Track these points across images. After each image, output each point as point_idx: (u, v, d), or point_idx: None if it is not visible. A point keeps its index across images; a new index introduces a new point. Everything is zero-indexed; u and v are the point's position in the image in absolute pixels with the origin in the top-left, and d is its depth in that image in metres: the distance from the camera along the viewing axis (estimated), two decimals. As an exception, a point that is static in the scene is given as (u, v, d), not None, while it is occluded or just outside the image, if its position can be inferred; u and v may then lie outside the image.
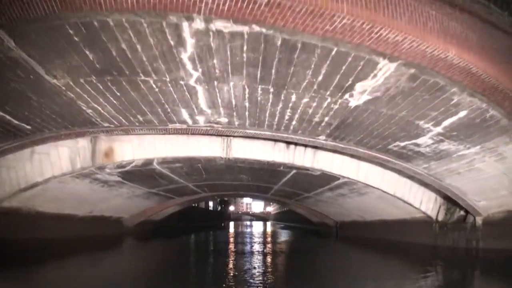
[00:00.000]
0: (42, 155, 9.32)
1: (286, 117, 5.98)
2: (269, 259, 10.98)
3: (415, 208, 11.57)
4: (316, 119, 5.93)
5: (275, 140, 8.91)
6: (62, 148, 9.31)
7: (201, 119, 6.25)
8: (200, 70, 4.46)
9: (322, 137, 6.86)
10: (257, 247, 14.90)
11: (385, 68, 4.27)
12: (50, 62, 4.55)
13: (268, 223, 59.21)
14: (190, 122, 6.38)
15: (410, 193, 11.25)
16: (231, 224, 52.56)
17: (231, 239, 20.45)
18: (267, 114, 5.93)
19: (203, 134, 8.25)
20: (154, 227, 23.11)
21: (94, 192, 12.42)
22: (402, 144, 6.83)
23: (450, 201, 11.29)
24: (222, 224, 47.04)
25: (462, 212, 11.24)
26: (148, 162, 10.04)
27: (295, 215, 32.34)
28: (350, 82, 4.62)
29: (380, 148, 7.21)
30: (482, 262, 9.52)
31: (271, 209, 74.44)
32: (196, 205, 36.01)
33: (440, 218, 11.86)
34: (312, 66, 4.27)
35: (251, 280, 6.88)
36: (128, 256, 12.33)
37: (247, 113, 5.91)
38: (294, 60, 4.18)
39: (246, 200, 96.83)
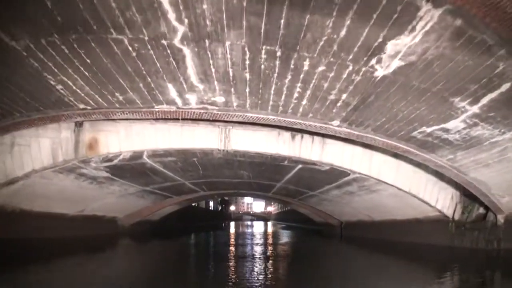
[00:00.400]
0: (23, 147, 8.58)
1: (295, 95, 4.95)
2: (270, 261, 10.23)
3: (431, 206, 10.68)
4: (332, 96, 4.91)
5: (280, 127, 7.95)
6: (44, 139, 8.55)
7: (192, 98, 5.24)
8: (186, 21, 3.43)
9: (336, 122, 5.86)
10: (258, 248, 14.16)
11: (427, 17, 3.25)
12: (3, 15, 3.60)
13: (269, 223, 58.77)
14: (179, 102, 5.37)
15: (426, 189, 10.35)
16: (232, 224, 52.15)
17: (232, 240, 19.78)
18: (272, 91, 4.91)
19: (196, 120, 7.28)
20: (152, 227, 22.43)
21: (83, 190, 11.59)
22: (429, 130, 5.83)
23: (468, 197, 10.47)
24: (223, 224, 46.61)
25: (481, 210, 10.46)
26: (137, 155, 9.13)
27: (297, 215, 31.63)
28: (380, 40, 3.58)
29: (402, 136, 6.21)
30: (504, 264, 8.75)
31: (272, 209, 74.04)
32: (196, 205, 35.40)
33: (456, 217, 11.03)
34: (334, 12, 3.22)
35: (252, 284, 6.40)
36: (123, 258, 11.54)
37: (247, 89, 4.90)
38: (310, 4, 3.14)
39: (247, 199, 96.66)
